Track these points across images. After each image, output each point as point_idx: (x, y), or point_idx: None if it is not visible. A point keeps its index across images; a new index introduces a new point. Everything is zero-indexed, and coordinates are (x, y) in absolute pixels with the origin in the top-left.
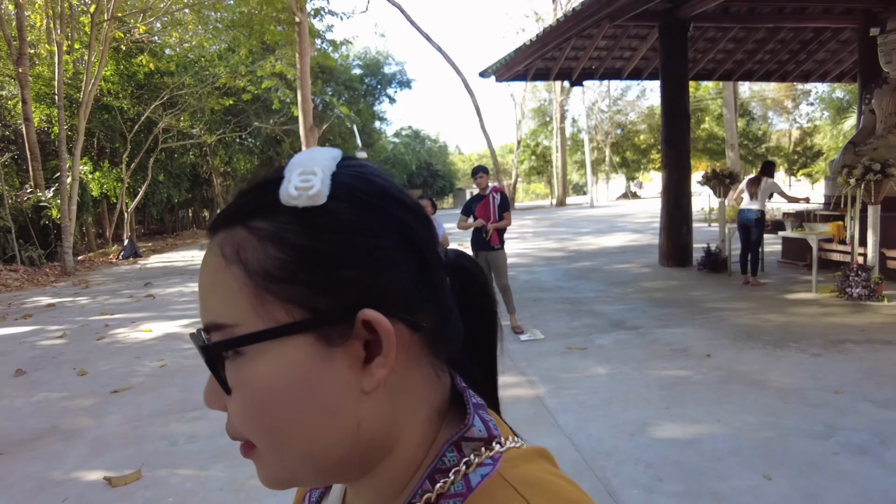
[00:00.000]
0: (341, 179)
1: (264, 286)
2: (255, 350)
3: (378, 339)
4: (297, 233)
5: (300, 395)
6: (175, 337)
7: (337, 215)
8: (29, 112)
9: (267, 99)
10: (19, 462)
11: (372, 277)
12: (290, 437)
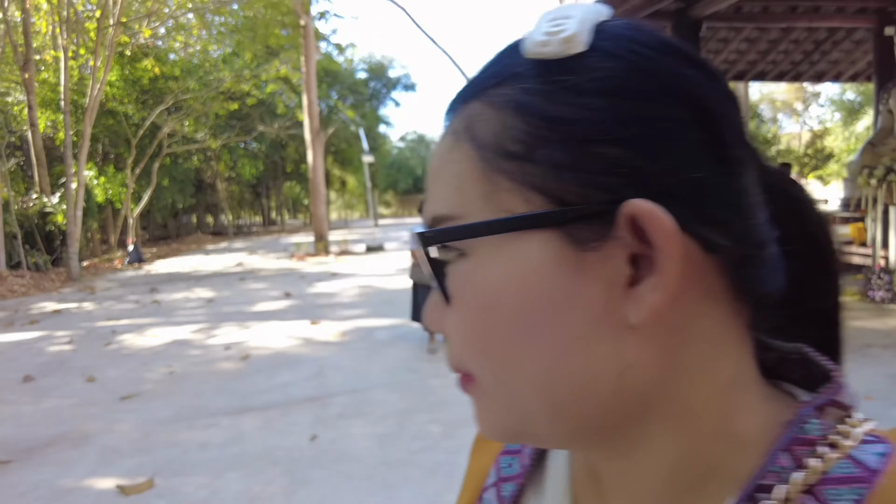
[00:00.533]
0: (609, 29)
1: (497, 166)
2: (481, 250)
3: (649, 250)
4: (542, 94)
5: (537, 313)
6: (182, 343)
7: (599, 71)
8: (35, 118)
9: (272, 103)
10: (30, 470)
11: (645, 159)
12: (523, 367)
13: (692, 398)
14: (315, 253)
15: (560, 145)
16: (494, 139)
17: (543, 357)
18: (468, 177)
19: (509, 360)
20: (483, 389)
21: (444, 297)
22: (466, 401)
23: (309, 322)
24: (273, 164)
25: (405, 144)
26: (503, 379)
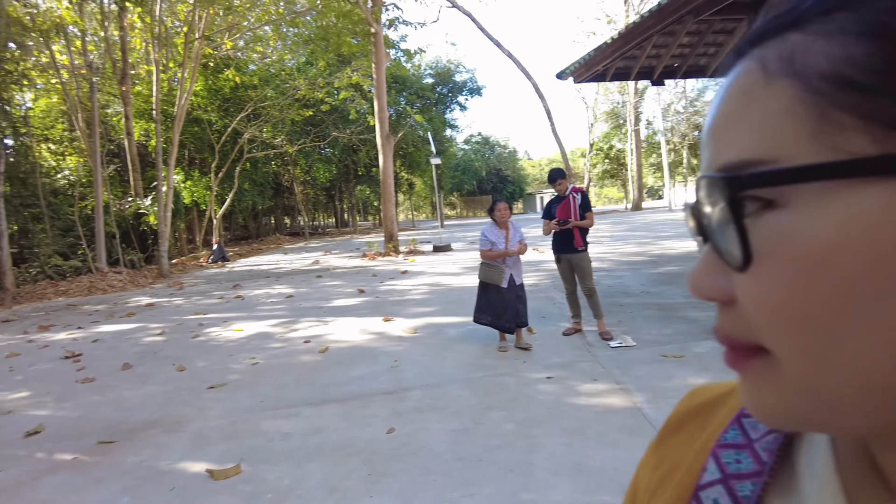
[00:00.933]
0: None
1: (835, 100)
2: (805, 199)
3: None
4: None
5: (883, 276)
6: (264, 336)
7: None
8: (130, 127)
9: (344, 109)
10: (130, 451)
11: None
12: (852, 343)
13: None
14: (385, 252)
15: None
16: (832, 71)
17: (884, 332)
18: (788, 115)
19: (836, 333)
20: (775, 367)
21: (744, 256)
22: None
23: (382, 318)
24: (345, 168)
25: (470, 147)
26: (821, 355)
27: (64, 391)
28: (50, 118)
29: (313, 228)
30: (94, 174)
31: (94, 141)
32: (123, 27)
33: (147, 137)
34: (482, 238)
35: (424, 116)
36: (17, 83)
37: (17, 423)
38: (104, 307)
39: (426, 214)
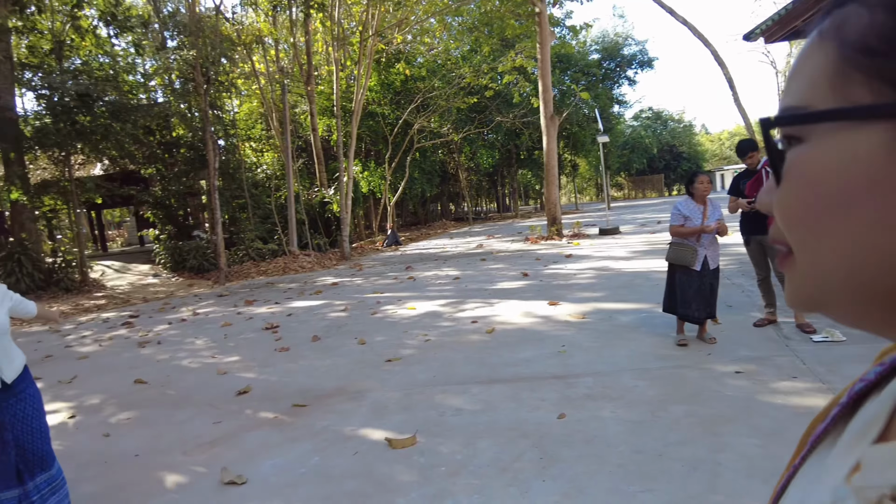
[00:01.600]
0: None
1: (855, 61)
2: (818, 135)
3: None
4: None
5: (860, 193)
6: (435, 315)
7: None
8: (315, 124)
9: (507, 93)
10: (319, 415)
11: None
12: (833, 240)
13: None
14: (548, 236)
15: None
16: (859, 36)
17: (857, 233)
18: (823, 71)
19: (823, 231)
20: (793, 264)
21: (777, 179)
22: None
23: (547, 302)
24: (507, 153)
25: (639, 123)
26: (814, 248)
27: (265, 358)
28: (251, 120)
29: (476, 213)
30: (286, 168)
31: (285, 138)
32: (308, 32)
33: (329, 132)
34: (674, 212)
35: (590, 93)
36: (227, 91)
37: (231, 382)
38: (296, 285)
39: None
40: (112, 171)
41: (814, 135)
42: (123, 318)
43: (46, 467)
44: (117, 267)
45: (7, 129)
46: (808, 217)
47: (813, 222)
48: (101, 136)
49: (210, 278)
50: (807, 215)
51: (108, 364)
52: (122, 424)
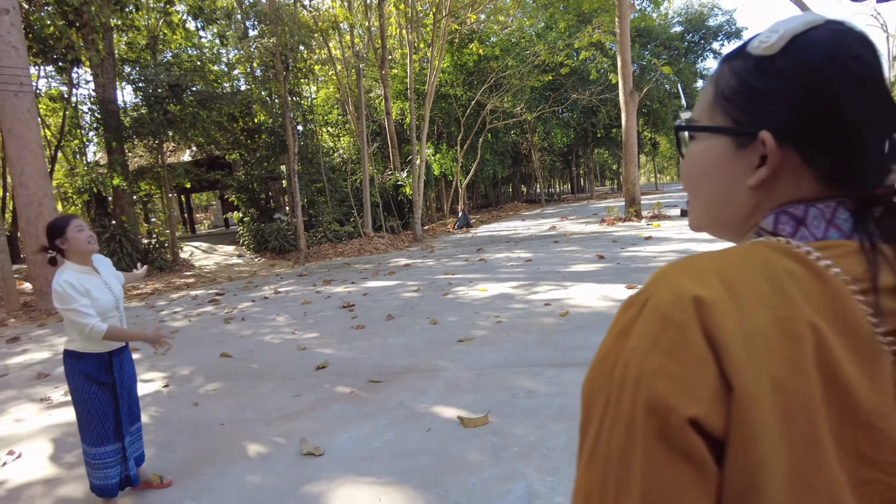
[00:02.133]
0: (804, 41)
1: (719, 101)
2: (699, 136)
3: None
4: (749, 72)
5: (711, 171)
6: (506, 297)
7: (779, 67)
8: (389, 107)
9: (584, 70)
10: (393, 391)
11: (786, 115)
12: (700, 194)
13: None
14: (626, 217)
15: (745, 97)
16: (722, 87)
17: (708, 191)
18: (707, 101)
19: (695, 189)
20: (689, 205)
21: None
22: None
23: (625, 286)
24: (583, 132)
25: None
26: (693, 198)
27: (342, 335)
28: (328, 105)
29: (549, 195)
30: (361, 152)
31: (360, 122)
32: (382, 16)
33: (402, 116)
34: None
35: (672, 68)
36: (305, 78)
37: (310, 358)
38: (371, 266)
39: (671, 176)
40: (199, 157)
41: (698, 136)
42: (210, 295)
43: (136, 422)
44: (205, 248)
45: (110, 121)
46: (690, 182)
47: (692, 185)
48: (190, 123)
49: (290, 259)
50: (689, 181)
51: (197, 338)
52: (209, 395)
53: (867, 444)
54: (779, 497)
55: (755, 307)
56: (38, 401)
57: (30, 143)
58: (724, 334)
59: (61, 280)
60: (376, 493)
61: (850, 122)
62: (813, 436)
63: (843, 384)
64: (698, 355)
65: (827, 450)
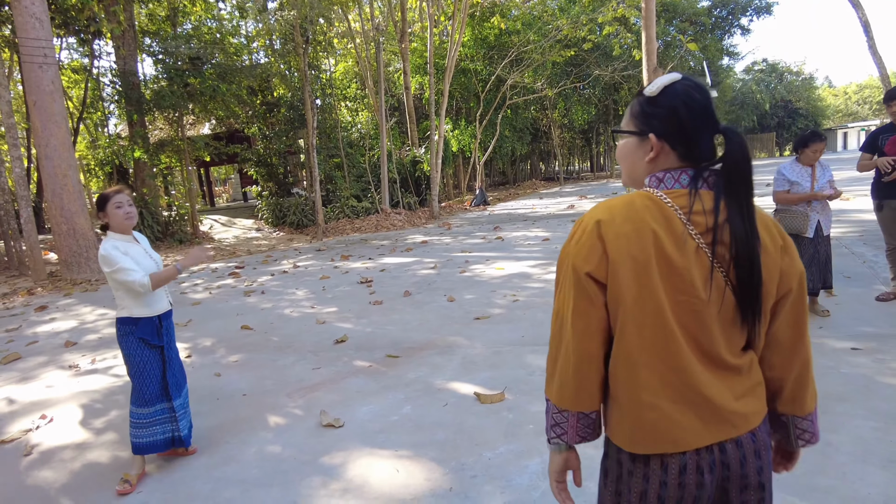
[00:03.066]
0: (670, 89)
1: (631, 118)
2: (623, 137)
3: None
4: (644, 104)
5: (628, 153)
6: (523, 275)
7: (658, 102)
8: (408, 82)
9: (607, 46)
10: (411, 366)
11: (661, 126)
12: (624, 166)
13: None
14: None
15: (643, 117)
16: (633, 111)
17: (628, 164)
18: (627, 118)
19: (623, 163)
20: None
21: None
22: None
23: None
24: (605, 109)
25: (751, 76)
26: (624, 168)
27: (360, 310)
28: (346, 79)
29: (568, 173)
30: (379, 127)
31: (380, 97)
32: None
33: (421, 91)
34: (778, 178)
35: (698, 45)
36: (325, 51)
37: (329, 331)
38: (388, 242)
39: None
40: (218, 130)
41: (622, 137)
42: (230, 268)
43: (184, 384)
44: (223, 221)
45: (131, 93)
46: (620, 159)
47: (621, 161)
48: (210, 96)
49: (308, 233)
50: (620, 159)
51: (218, 310)
52: (230, 366)
53: (679, 282)
54: (630, 304)
55: (623, 222)
56: (66, 368)
57: (54, 114)
58: (606, 235)
59: (106, 245)
60: (394, 464)
61: (689, 129)
62: (648, 278)
63: (667, 256)
64: (594, 244)
65: (656, 284)
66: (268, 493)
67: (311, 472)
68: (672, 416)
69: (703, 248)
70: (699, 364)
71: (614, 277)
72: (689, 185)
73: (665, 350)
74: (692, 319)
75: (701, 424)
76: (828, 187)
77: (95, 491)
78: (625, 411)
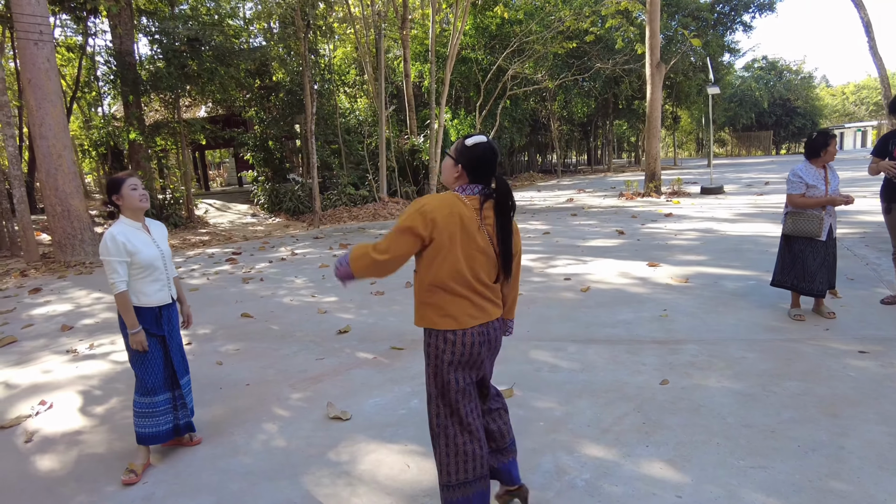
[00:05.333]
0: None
1: (455, 150)
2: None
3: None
4: (460, 148)
5: (446, 169)
6: (525, 269)
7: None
8: (408, 69)
9: (609, 39)
10: (416, 359)
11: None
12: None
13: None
14: (645, 192)
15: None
16: (458, 146)
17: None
18: (454, 148)
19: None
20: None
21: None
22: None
23: (646, 263)
24: (605, 102)
25: (750, 74)
26: (443, 174)
27: (362, 300)
28: (345, 65)
29: (565, 166)
30: (378, 114)
31: (379, 84)
32: None
33: (420, 79)
34: (794, 179)
35: (700, 40)
36: (324, 36)
37: (331, 321)
38: (386, 231)
39: (689, 152)
40: (215, 113)
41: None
42: (227, 254)
43: (185, 373)
44: (218, 205)
45: (127, 74)
46: (443, 170)
47: (443, 171)
48: (208, 79)
49: (304, 220)
50: (443, 170)
51: (216, 297)
52: (231, 354)
53: (472, 243)
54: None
55: (441, 207)
56: (64, 353)
57: (49, 93)
58: (433, 215)
59: (112, 231)
60: (404, 459)
61: (478, 168)
62: (454, 238)
63: (467, 227)
64: (425, 218)
65: (457, 243)
66: (276, 487)
67: (319, 466)
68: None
69: (483, 229)
70: (474, 282)
71: (436, 236)
72: (479, 194)
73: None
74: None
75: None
76: (839, 192)
77: (99, 480)
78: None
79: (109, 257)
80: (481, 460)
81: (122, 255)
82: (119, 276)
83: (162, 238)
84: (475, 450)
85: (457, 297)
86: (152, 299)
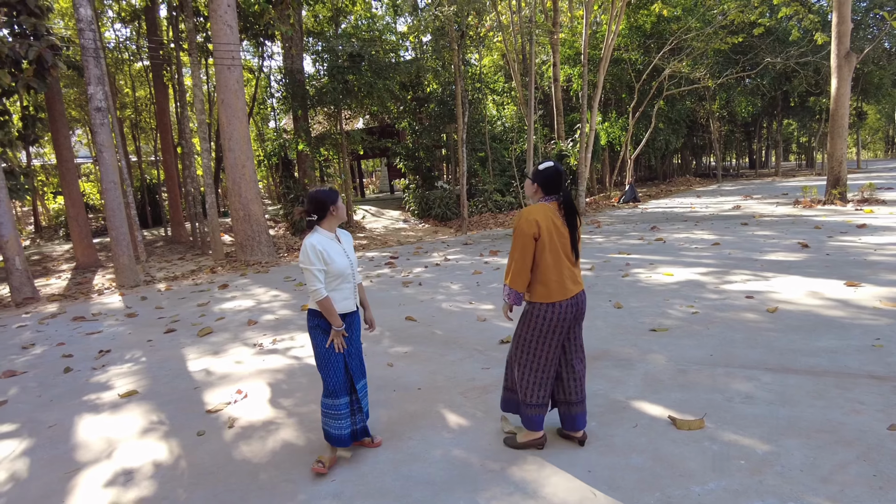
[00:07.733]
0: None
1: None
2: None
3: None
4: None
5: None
6: (696, 284)
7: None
8: (557, 73)
9: (780, 30)
10: (588, 377)
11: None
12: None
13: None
14: (826, 200)
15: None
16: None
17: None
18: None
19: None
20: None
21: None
22: None
23: (843, 282)
24: (772, 100)
25: None
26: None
27: (519, 310)
28: (493, 73)
29: (724, 169)
30: (527, 120)
31: (530, 90)
32: None
33: (569, 82)
34: None
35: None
36: (477, 46)
37: (491, 329)
38: None
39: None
40: (372, 125)
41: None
42: (385, 258)
43: (362, 377)
44: (373, 211)
45: (297, 90)
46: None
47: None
48: (367, 92)
49: (452, 226)
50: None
51: (381, 299)
52: (400, 357)
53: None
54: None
55: (539, 212)
56: (251, 346)
57: (237, 111)
58: (536, 217)
59: (310, 241)
60: (589, 486)
61: (548, 183)
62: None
63: (559, 229)
64: (533, 222)
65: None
66: (456, 500)
67: (499, 482)
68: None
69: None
70: (567, 262)
71: (541, 235)
72: (556, 200)
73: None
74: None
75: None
76: None
77: (293, 469)
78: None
79: (311, 266)
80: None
81: (321, 264)
82: (320, 283)
83: (350, 247)
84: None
85: (555, 277)
86: (339, 306)
